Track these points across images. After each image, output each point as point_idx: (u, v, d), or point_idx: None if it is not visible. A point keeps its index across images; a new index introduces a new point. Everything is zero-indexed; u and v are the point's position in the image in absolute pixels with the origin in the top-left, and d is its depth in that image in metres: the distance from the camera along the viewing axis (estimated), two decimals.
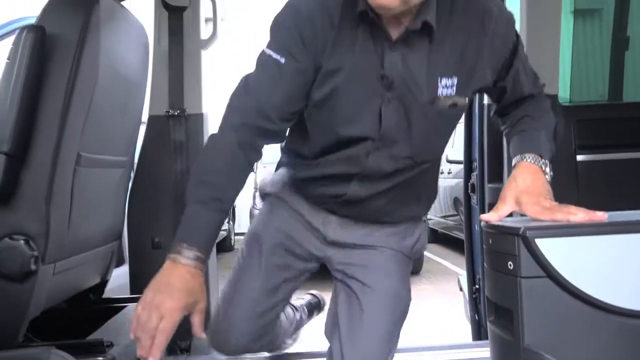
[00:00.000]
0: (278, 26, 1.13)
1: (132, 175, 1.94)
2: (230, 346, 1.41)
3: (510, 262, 1.04)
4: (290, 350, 1.73)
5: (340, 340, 1.32)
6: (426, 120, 1.18)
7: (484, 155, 2.14)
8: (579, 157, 2.03)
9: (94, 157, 1.48)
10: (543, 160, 1.19)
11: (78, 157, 1.38)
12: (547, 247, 1.02)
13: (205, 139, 1.95)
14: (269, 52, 1.12)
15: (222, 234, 7.20)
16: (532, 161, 1.18)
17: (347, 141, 1.19)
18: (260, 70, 1.13)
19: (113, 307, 1.74)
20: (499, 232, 1.11)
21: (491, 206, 2.14)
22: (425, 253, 6.09)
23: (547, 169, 1.20)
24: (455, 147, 4.79)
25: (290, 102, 1.14)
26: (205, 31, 1.99)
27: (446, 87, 1.15)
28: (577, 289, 1.01)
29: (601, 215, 1.07)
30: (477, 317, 2.16)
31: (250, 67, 1.16)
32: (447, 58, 1.14)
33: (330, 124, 1.19)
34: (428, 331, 3.42)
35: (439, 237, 7.29)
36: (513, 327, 1.05)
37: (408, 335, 1.41)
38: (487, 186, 2.14)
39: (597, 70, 2.56)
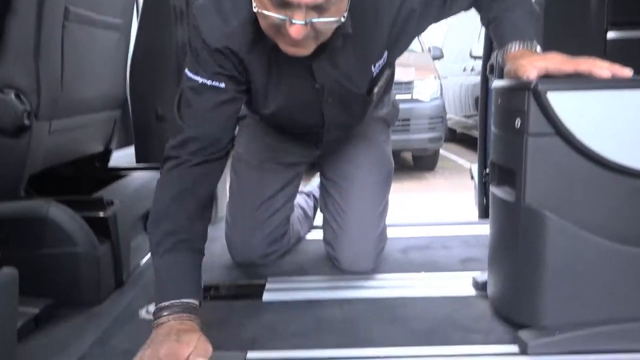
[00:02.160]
0: (197, 56, 1.05)
1: (132, 45, 1.87)
2: (248, 261, 1.46)
3: (518, 119, 0.98)
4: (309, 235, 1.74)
5: (333, 208, 1.43)
6: (365, 101, 1.26)
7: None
8: (610, 35, 1.88)
9: (84, 13, 1.40)
10: (528, 42, 1.06)
11: (66, 12, 1.31)
12: (559, 101, 0.94)
13: None
14: (201, 80, 1.05)
15: None
16: (519, 48, 1.06)
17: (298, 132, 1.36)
18: (200, 98, 1.06)
19: (118, 175, 1.74)
20: (509, 89, 1.03)
21: None
22: (442, 151, 6.03)
23: (538, 49, 1.10)
24: (480, 42, 4.57)
25: (234, 123, 1.14)
26: None
27: (379, 65, 1.17)
28: (587, 147, 0.95)
29: (627, 72, 0.98)
30: (485, 201, 2.14)
31: None
32: (372, 44, 1.12)
33: (280, 125, 1.35)
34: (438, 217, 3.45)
35: (457, 137, 7.19)
36: (515, 187, 1.00)
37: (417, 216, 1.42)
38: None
39: None
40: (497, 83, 1.09)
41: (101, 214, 1.32)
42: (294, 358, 1.00)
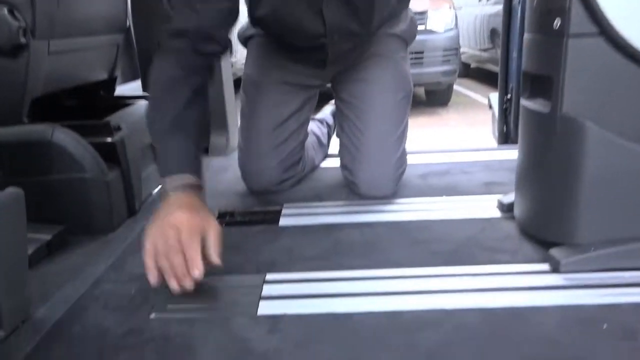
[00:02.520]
0: None
1: None
2: (263, 187, 1.41)
3: (557, 19, 0.89)
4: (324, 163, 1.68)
5: (350, 130, 1.37)
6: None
7: None
8: None
9: None
10: None
11: None
12: None
13: None
14: None
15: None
16: None
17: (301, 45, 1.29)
18: None
19: (125, 103, 1.67)
20: None
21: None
22: (455, 86, 5.87)
23: None
24: None
25: (227, 19, 1.09)
26: None
27: None
28: (636, 49, 0.86)
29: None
30: (504, 128, 2.06)
31: None
32: None
33: (281, 36, 1.30)
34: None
35: (471, 72, 6.99)
36: (551, 96, 0.93)
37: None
38: None
39: None
40: None
41: (109, 139, 1.27)
42: (314, 279, 0.96)
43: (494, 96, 2.53)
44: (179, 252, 0.85)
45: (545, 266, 0.94)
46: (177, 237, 0.86)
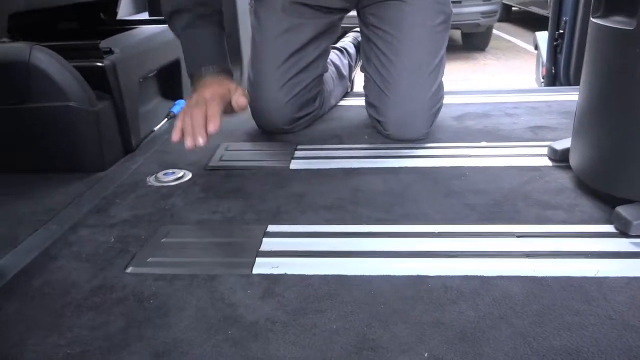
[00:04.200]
0: None
1: None
2: (274, 126, 1.25)
3: None
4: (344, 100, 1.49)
5: (377, 61, 1.18)
6: None
7: None
8: None
9: None
10: None
11: None
12: None
13: None
14: None
15: None
16: None
17: None
18: None
19: (127, 28, 1.50)
20: None
21: None
22: (495, 31, 5.49)
23: None
24: None
25: None
26: None
27: None
28: None
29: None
30: (553, 69, 1.82)
31: None
32: None
33: None
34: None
35: (512, 16, 6.54)
36: (636, 8, 0.71)
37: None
38: None
39: None
40: None
41: (98, 64, 1.11)
42: (323, 233, 0.80)
43: (542, 35, 2.28)
44: (201, 111, 0.93)
45: (609, 227, 0.76)
46: (203, 100, 0.95)
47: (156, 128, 1.35)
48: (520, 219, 0.81)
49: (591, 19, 0.84)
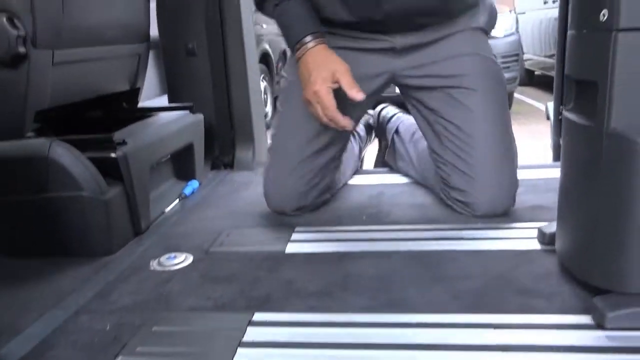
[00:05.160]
0: None
1: None
2: (282, 211, 1.29)
3: (604, 11, 0.71)
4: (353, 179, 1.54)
5: (452, 145, 1.21)
6: None
7: None
8: None
9: None
10: None
11: None
12: None
13: None
14: None
15: None
16: None
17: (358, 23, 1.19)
18: None
19: (147, 115, 1.61)
20: None
21: None
22: (517, 95, 5.56)
23: None
24: None
25: None
26: None
27: None
28: None
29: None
30: (559, 140, 1.84)
31: None
32: None
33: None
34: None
35: (535, 79, 6.61)
36: (596, 106, 0.75)
37: None
38: None
39: None
40: None
41: (111, 155, 1.19)
42: (308, 322, 0.83)
43: (551, 104, 2.31)
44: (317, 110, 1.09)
45: (587, 319, 0.76)
46: (317, 104, 1.09)
47: (167, 209, 1.42)
48: (502, 308, 0.82)
49: (564, 110, 0.87)
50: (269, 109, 5.34)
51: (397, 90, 1.33)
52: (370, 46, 1.22)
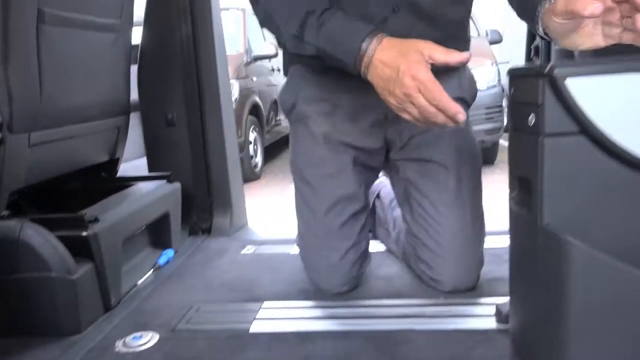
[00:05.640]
0: None
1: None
2: (335, 291, 1.25)
3: (532, 115, 0.76)
4: None
5: (423, 220, 1.21)
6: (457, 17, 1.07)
7: None
8: None
9: (65, 14, 1.30)
10: None
11: (40, 14, 1.21)
12: (583, 90, 0.72)
13: (212, 0, 1.73)
14: None
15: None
16: None
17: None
18: None
19: (125, 185, 1.65)
20: (523, 74, 0.82)
21: None
22: (502, 142, 5.64)
23: None
24: None
25: None
26: None
27: None
28: (622, 149, 0.72)
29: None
30: None
31: None
32: None
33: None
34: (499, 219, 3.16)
35: None
36: (531, 202, 0.79)
37: None
38: (553, 49, 1.76)
39: None
40: (511, 68, 0.87)
41: (82, 233, 1.22)
42: None
43: None
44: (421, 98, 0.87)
45: None
46: (416, 91, 0.87)
47: (140, 281, 1.44)
48: None
49: (509, 200, 0.91)
50: (259, 159, 5.41)
51: None
52: (366, 117, 1.21)
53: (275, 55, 6.06)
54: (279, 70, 6.37)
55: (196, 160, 1.80)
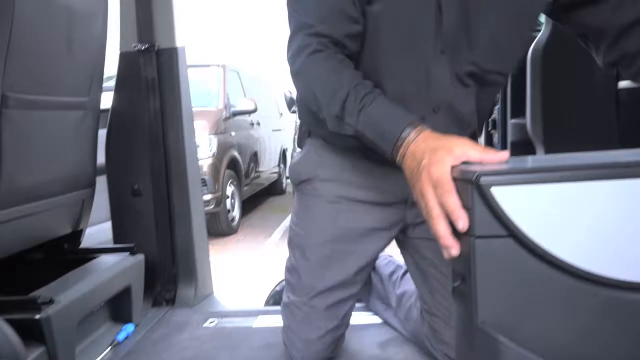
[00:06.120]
0: None
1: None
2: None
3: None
4: None
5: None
6: (494, 10, 0.99)
7: (506, 88, 1.84)
8: (622, 84, 1.67)
9: (31, 97, 1.34)
10: None
11: (4, 99, 1.24)
12: (508, 197, 0.76)
13: (181, 75, 1.78)
14: None
15: (273, 176, 7.19)
16: None
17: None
18: None
19: (89, 257, 1.65)
20: (457, 178, 0.86)
21: (514, 145, 1.86)
22: None
23: None
24: None
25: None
26: None
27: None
28: (546, 251, 0.75)
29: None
30: None
31: None
32: None
33: (385, 37, 1.03)
34: None
35: None
36: (467, 300, 0.82)
37: None
38: (510, 122, 1.84)
39: None
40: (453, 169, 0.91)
41: (35, 316, 1.21)
42: None
43: None
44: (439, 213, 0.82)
45: None
46: (433, 195, 0.83)
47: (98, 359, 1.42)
48: None
49: (451, 290, 0.94)
50: (236, 212, 5.42)
51: None
52: (385, 200, 1.20)
53: (254, 111, 6.16)
54: (258, 124, 6.47)
55: (161, 230, 1.81)
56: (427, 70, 1.04)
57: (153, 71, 1.73)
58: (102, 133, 1.79)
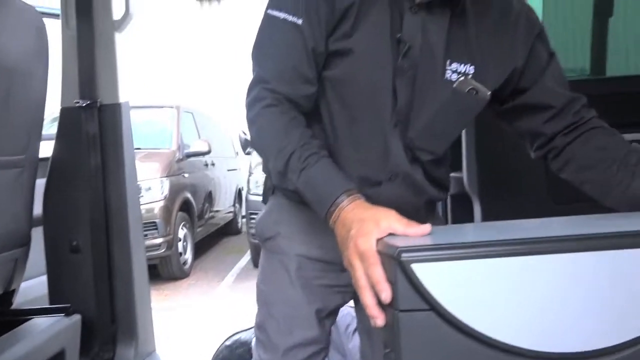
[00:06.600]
0: None
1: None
2: None
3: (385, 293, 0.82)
4: None
5: None
6: (437, 100, 1.05)
7: None
8: None
9: None
10: None
11: None
12: (428, 273, 0.79)
13: (124, 130, 1.77)
14: (282, 15, 1.01)
15: (229, 216, 7.11)
16: None
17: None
18: (275, 34, 1.04)
19: (21, 319, 1.58)
20: (381, 252, 0.89)
21: (453, 197, 1.92)
22: None
23: None
24: None
25: (314, 61, 1.04)
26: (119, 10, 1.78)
27: (456, 72, 1.05)
28: (466, 325, 0.78)
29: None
30: None
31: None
32: (466, 39, 1.04)
33: (344, 103, 1.07)
34: None
35: None
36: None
37: None
38: (466, 159, 1.89)
39: (576, 41, 2.23)
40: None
41: None
42: None
43: None
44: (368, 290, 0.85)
45: None
46: (360, 267, 0.85)
47: None
48: None
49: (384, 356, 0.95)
50: (188, 255, 5.32)
51: None
52: (339, 260, 1.18)
53: (209, 152, 6.13)
54: (213, 164, 6.43)
55: (100, 288, 1.76)
56: (385, 140, 1.08)
57: (95, 127, 1.71)
58: (40, 183, 1.75)
